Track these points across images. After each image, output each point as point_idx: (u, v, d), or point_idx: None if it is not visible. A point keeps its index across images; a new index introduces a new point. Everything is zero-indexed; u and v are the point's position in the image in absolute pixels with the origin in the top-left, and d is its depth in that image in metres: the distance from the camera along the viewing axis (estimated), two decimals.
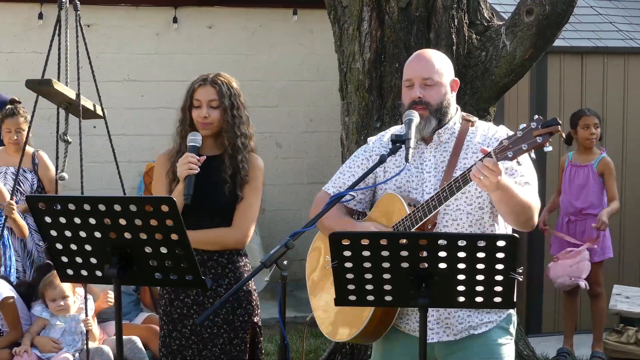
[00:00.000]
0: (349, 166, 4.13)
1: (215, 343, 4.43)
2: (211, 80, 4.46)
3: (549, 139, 3.51)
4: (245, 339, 4.47)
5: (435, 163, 3.94)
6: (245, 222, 4.43)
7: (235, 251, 4.48)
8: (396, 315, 3.92)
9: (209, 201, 4.40)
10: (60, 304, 6.17)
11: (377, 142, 4.11)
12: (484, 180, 3.54)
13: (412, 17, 6.01)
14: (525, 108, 8.28)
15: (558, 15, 5.96)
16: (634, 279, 8.46)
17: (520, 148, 3.54)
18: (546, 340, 7.84)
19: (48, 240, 3.61)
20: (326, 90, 9.87)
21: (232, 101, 4.45)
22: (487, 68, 6.10)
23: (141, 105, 9.59)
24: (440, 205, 3.74)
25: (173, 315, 4.48)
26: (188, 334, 4.45)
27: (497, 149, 3.57)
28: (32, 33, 9.32)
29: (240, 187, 4.43)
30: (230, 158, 4.44)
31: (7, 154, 7.19)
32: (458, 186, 3.69)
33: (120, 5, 9.63)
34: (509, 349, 3.95)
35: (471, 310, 3.88)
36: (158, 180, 4.57)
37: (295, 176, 9.84)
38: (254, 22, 9.98)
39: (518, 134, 3.55)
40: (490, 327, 3.92)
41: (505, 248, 3.31)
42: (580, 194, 7.39)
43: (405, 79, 3.96)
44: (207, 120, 4.42)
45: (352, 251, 3.37)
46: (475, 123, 4.01)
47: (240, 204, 4.43)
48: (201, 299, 4.43)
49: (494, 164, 3.53)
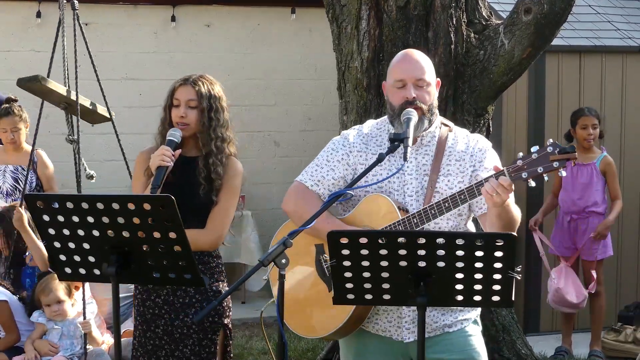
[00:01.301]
0: (326, 159, 4.07)
1: (186, 344, 4.43)
2: (192, 81, 4.46)
3: (565, 165, 3.58)
4: (215, 340, 4.47)
5: (416, 165, 3.94)
6: (219, 225, 4.43)
7: (206, 252, 4.47)
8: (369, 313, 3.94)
9: (183, 201, 4.39)
10: (55, 309, 6.15)
11: (357, 139, 4.06)
12: (496, 197, 3.59)
13: (410, 16, 6.00)
14: (523, 107, 8.28)
15: (556, 14, 5.96)
16: (632, 277, 8.46)
17: (536, 170, 3.60)
18: (544, 339, 7.85)
19: (46, 238, 3.61)
20: (324, 89, 9.86)
21: (211, 103, 4.44)
22: (486, 67, 6.10)
23: (139, 103, 9.57)
24: (441, 214, 3.77)
25: (146, 316, 4.49)
26: (161, 334, 4.46)
27: (511, 168, 3.62)
28: (30, 31, 9.30)
29: (216, 191, 4.42)
30: (205, 160, 4.43)
31: (5, 153, 7.19)
32: (463, 199, 3.72)
33: (118, 4, 9.61)
34: (479, 339, 4.03)
35: (445, 310, 3.93)
36: (136, 178, 4.56)
37: (293, 175, 9.64)
38: (253, 20, 9.97)
39: (533, 156, 3.61)
40: (465, 325, 3.99)
41: (504, 247, 3.32)
42: (584, 193, 7.40)
43: (396, 80, 3.95)
44: (183, 120, 4.41)
45: (350, 250, 3.37)
46: (453, 128, 4.03)
47: (215, 207, 4.42)
48: (171, 298, 4.44)
49: (510, 184, 3.58)
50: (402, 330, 3.93)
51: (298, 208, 4.02)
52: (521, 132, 8.29)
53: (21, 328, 6.33)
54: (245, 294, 9.32)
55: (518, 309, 7.90)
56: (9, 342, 6.26)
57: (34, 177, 7.09)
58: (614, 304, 8.09)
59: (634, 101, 8.47)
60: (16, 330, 6.29)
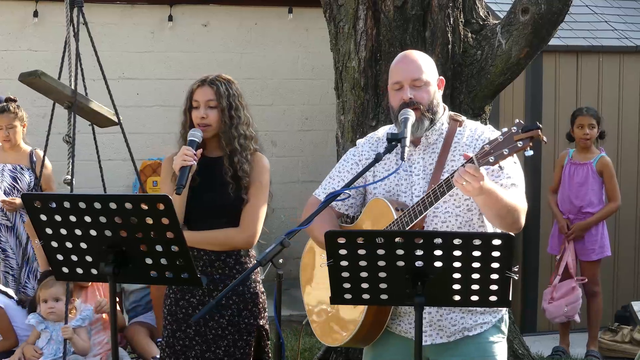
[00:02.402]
0: (338, 171, 4.12)
1: (219, 345, 4.40)
2: (209, 81, 4.45)
3: (529, 143, 3.54)
4: (250, 342, 4.44)
5: (424, 165, 3.93)
6: (252, 223, 4.41)
7: (244, 252, 4.46)
8: (389, 317, 3.92)
9: (213, 202, 4.40)
10: (51, 306, 6.01)
11: (366, 145, 4.10)
12: (467, 185, 3.55)
13: (407, 16, 6.00)
14: (520, 107, 8.29)
15: (553, 14, 5.96)
16: (629, 277, 8.47)
17: (502, 153, 3.55)
18: (541, 339, 7.85)
19: (43, 238, 3.61)
20: (322, 89, 9.86)
21: (231, 102, 4.43)
22: (483, 67, 6.10)
23: (136, 103, 9.57)
24: (426, 210, 3.74)
25: (178, 315, 4.45)
26: (192, 335, 4.42)
27: (478, 153, 3.58)
28: (27, 31, 9.30)
29: (245, 189, 4.41)
30: (229, 159, 4.42)
31: (3, 152, 7.18)
32: (442, 191, 3.69)
33: (115, 4, 9.61)
34: (502, 347, 3.97)
35: (464, 312, 3.88)
36: (164, 183, 4.54)
37: (290, 175, 9.82)
38: (250, 20, 9.97)
39: (499, 138, 3.57)
40: (486, 328, 3.93)
41: (501, 247, 3.32)
42: (580, 192, 7.40)
43: (393, 82, 3.95)
44: (204, 121, 4.40)
45: (347, 249, 3.37)
46: (464, 123, 4.00)
47: (246, 205, 4.41)
48: (207, 299, 4.40)
49: (475, 169, 3.54)
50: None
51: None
52: None
53: (20, 333, 6.28)
54: None
55: (515, 308, 7.91)
56: (6, 346, 6.23)
57: (32, 177, 7.09)
58: (610, 304, 8.09)
59: (631, 101, 8.48)
60: (14, 335, 6.25)
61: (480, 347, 3.91)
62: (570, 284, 7.33)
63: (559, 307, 7.32)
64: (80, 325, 6.02)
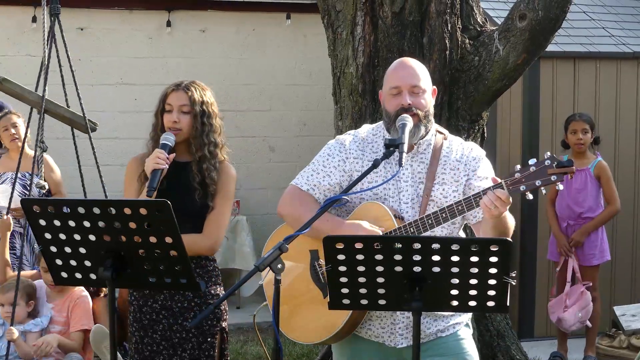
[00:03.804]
0: (323, 165, 4.08)
1: (185, 348, 4.44)
2: (184, 86, 4.48)
3: (562, 178, 3.59)
4: (214, 344, 4.48)
5: (412, 173, 3.95)
6: (216, 230, 4.45)
7: (203, 256, 4.49)
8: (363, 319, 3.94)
9: (178, 207, 4.40)
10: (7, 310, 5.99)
11: (354, 145, 4.07)
12: (494, 210, 3.60)
13: (405, 22, 6.02)
14: (518, 113, 8.30)
15: (551, 21, 5.97)
16: (627, 283, 8.48)
17: (534, 184, 3.61)
18: (538, 345, 7.86)
19: (42, 243, 3.61)
20: (319, 95, 9.87)
21: (204, 108, 4.46)
22: (480, 73, 6.11)
23: (134, 108, 9.58)
24: (438, 225, 3.77)
25: (143, 322, 4.49)
26: (159, 340, 4.46)
27: (509, 181, 3.63)
28: (25, 36, 9.31)
29: (212, 196, 4.45)
30: (198, 165, 4.45)
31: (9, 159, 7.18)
32: (461, 210, 3.73)
33: (114, 9, 9.62)
34: (470, 342, 4.05)
35: (437, 316, 3.94)
36: (129, 183, 4.54)
37: (288, 180, 9.60)
38: (248, 26, 9.98)
39: (531, 169, 3.61)
40: (458, 329, 4.01)
41: (499, 252, 3.32)
42: (578, 198, 7.40)
43: (392, 87, 3.97)
44: (176, 125, 4.43)
45: (346, 255, 3.37)
46: (447, 136, 4.04)
47: (211, 212, 4.44)
48: (169, 303, 4.44)
49: (507, 197, 3.60)
50: (396, 336, 3.94)
51: (294, 210, 4.02)
52: (516, 138, 8.31)
53: None
54: (240, 299, 9.32)
55: (513, 314, 7.92)
56: None
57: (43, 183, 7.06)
58: (608, 310, 8.09)
59: (628, 107, 8.49)
60: None
61: (452, 344, 3.98)
62: (579, 289, 7.32)
63: (573, 314, 7.30)
64: (30, 330, 6.01)
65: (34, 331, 6.02)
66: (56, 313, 6.09)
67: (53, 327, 6.07)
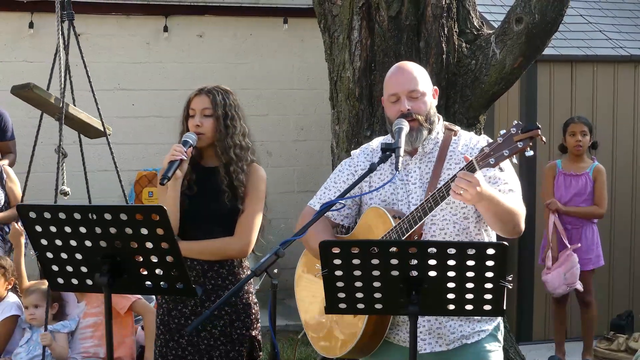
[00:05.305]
0: (334, 181, 4.12)
1: (212, 355, 4.40)
2: (206, 90, 4.47)
3: (529, 143, 3.55)
4: (242, 352, 4.44)
5: (420, 174, 3.94)
6: (247, 232, 4.40)
7: (237, 262, 4.47)
8: (388, 327, 3.92)
9: (208, 211, 4.41)
10: (31, 312, 6.06)
11: (362, 156, 4.10)
12: (464, 194, 3.55)
13: (402, 26, 6.02)
14: (515, 116, 8.29)
15: (547, 24, 5.98)
16: (624, 286, 8.48)
17: (502, 154, 3.56)
18: (537, 348, 7.85)
19: (39, 249, 3.61)
20: (316, 99, 9.88)
21: (227, 111, 4.45)
22: (477, 76, 6.12)
23: (132, 114, 9.58)
24: (425, 216, 3.74)
25: (170, 325, 4.45)
26: (185, 345, 4.43)
27: (478, 156, 3.59)
28: (22, 42, 9.32)
29: (241, 199, 4.41)
30: (225, 168, 4.43)
31: None
32: (442, 196, 3.69)
33: (111, 15, 9.63)
34: (498, 356, 3.97)
35: (462, 320, 3.89)
36: (161, 194, 4.51)
37: (285, 185, 9.83)
38: (245, 31, 9.99)
39: (498, 140, 3.58)
40: (483, 336, 3.94)
41: (495, 256, 3.32)
42: (576, 203, 7.39)
43: (390, 94, 3.96)
44: (199, 129, 4.41)
45: (342, 259, 3.37)
46: (458, 132, 4.02)
47: (242, 215, 4.41)
48: (199, 309, 4.40)
49: (466, 173, 3.55)
50: (418, 341, 3.84)
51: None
52: None
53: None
54: None
55: (510, 317, 7.91)
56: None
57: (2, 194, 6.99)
58: (606, 313, 8.10)
59: (625, 110, 8.50)
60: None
61: (478, 356, 3.92)
62: (564, 252, 7.28)
63: (557, 276, 7.22)
64: (59, 331, 6.02)
65: (62, 332, 6.05)
66: (90, 307, 6.09)
67: (86, 321, 6.08)
